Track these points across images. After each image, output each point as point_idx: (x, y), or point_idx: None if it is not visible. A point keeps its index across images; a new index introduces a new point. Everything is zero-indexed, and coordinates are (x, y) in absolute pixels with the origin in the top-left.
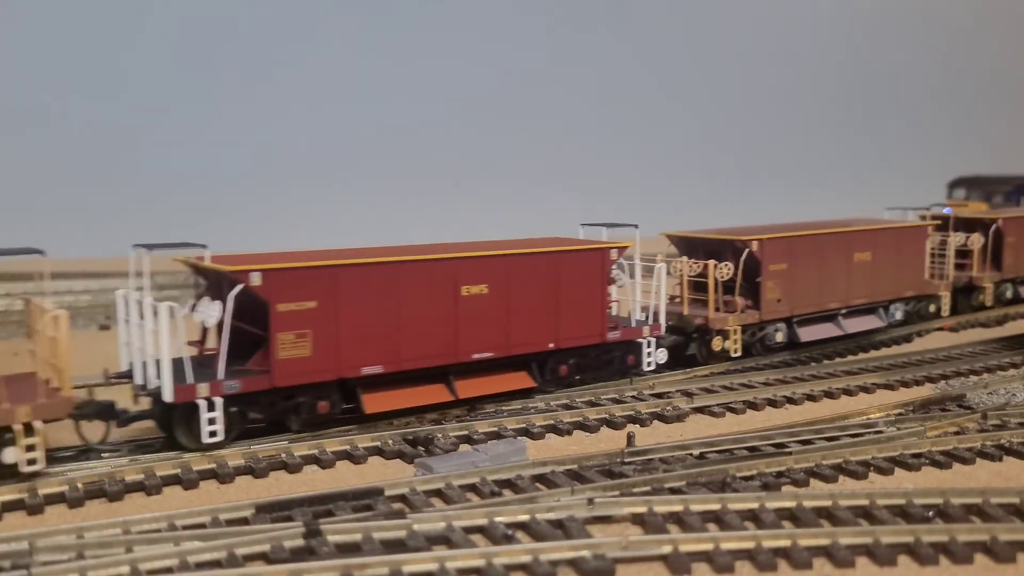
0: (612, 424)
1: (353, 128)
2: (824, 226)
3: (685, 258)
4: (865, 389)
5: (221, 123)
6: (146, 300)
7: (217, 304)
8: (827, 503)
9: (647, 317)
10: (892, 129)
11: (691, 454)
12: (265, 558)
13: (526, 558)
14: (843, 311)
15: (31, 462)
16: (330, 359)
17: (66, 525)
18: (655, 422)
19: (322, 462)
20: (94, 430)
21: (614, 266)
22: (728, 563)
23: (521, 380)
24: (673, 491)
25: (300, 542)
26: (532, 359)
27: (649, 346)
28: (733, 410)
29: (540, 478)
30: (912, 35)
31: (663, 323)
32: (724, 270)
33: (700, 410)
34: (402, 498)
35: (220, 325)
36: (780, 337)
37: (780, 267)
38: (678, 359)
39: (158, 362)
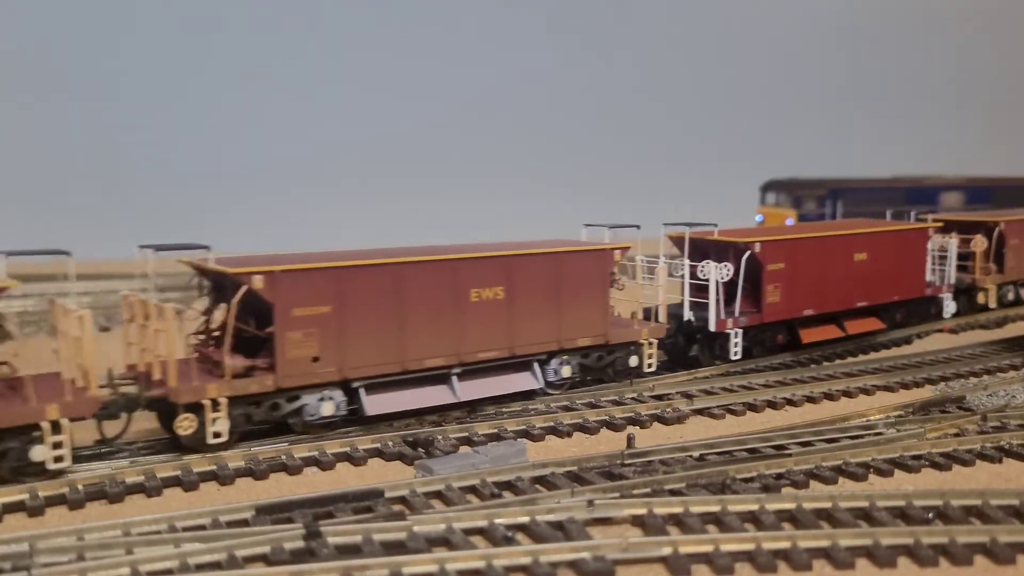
0: (612, 426)
1: (353, 128)
2: None
3: (955, 233)
4: (865, 391)
5: (220, 124)
6: (661, 262)
7: (727, 265)
8: (827, 505)
9: (940, 279)
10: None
11: (691, 456)
12: (265, 560)
13: (526, 560)
14: None
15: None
16: (787, 304)
17: (66, 527)
18: (655, 424)
19: (322, 464)
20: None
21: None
22: (728, 564)
23: (875, 323)
24: (673, 493)
25: (300, 544)
26: (881, 308)
27: (946, 300)
28: (733, 412)
29: (540, 480)
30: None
31: (954, 284)
32: (982, 244)
33: (700, 412)
34: (402, 500)
35: (731, 281)
36: (1011, 296)
37: (1015, 242)
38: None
39: (692, 303)
